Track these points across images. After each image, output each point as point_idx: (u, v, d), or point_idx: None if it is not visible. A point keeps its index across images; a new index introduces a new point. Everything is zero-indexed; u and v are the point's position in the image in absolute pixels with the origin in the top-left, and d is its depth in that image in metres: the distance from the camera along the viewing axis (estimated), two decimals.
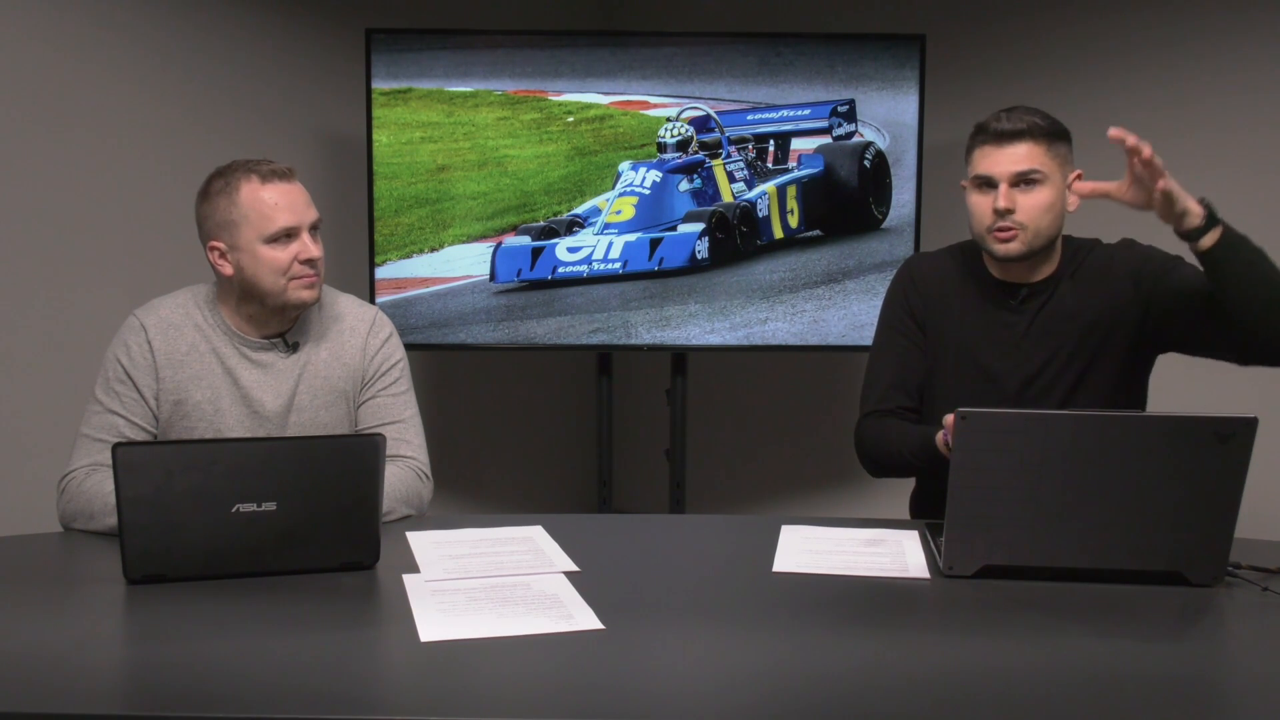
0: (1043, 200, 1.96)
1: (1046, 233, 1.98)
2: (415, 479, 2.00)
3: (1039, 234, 1.97)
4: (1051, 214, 1.97)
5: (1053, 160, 1.96)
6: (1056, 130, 1.98)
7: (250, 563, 1.60)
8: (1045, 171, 1.95)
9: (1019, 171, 1.95)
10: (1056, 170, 1.96)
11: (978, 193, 2.01)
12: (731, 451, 4.00)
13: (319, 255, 1.97)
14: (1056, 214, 1.98)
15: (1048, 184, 1.96)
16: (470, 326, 3.25)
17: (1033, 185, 1.96)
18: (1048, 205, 1.96)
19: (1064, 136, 1.99)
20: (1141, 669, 1.34)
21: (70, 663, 1.33)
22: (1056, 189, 1.97)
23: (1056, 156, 1.97)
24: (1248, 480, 1.57)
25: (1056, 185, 1.97)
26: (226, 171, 1.95)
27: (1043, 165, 1.95)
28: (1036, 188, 1.96)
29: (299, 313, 2.02)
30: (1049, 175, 1.95)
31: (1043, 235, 1.98)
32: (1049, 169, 1.95)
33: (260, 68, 3.22)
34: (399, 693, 1.28)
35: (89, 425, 1.95)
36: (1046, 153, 1.96)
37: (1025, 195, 1.96)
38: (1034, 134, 1.95)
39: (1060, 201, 1.98)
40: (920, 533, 1.88)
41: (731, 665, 1.35)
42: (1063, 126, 2.00)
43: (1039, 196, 1.96)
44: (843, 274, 3.26)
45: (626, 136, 3.24)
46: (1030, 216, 1.96)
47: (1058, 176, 1.97)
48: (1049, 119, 1.98)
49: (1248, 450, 1.56)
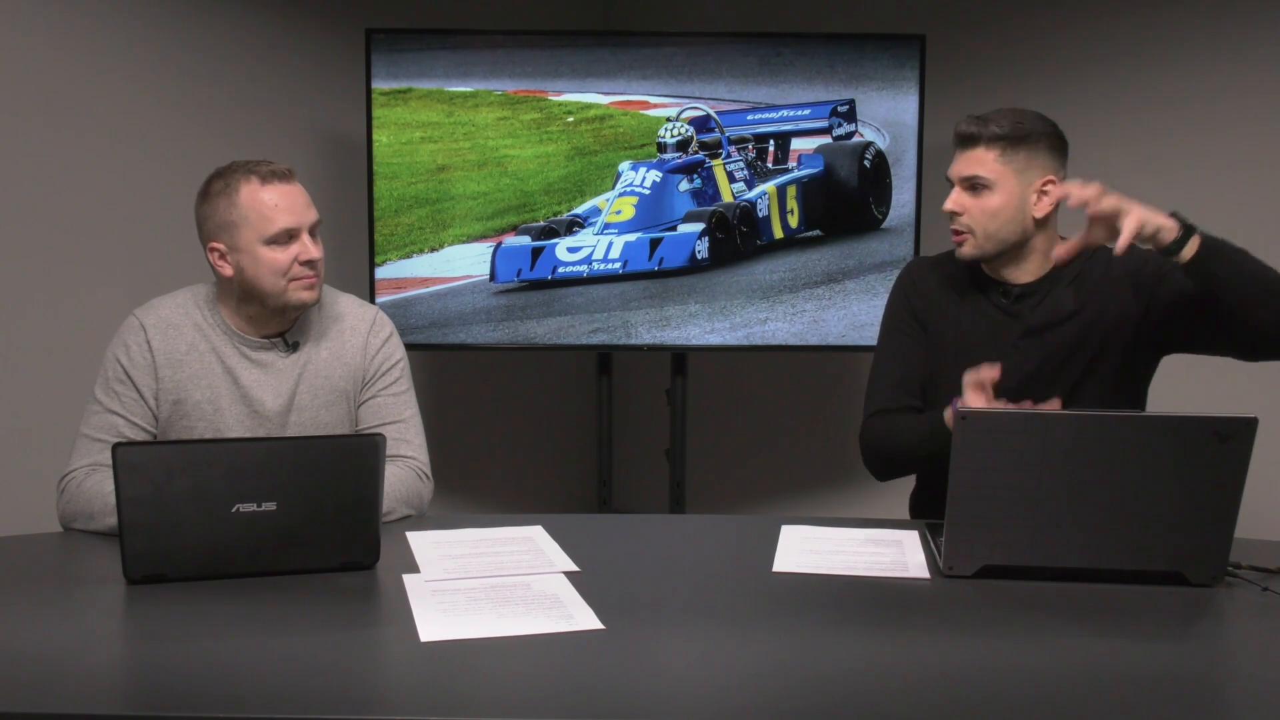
0: (989, 205, 1.99)
1: (999, 236, 2.00)
2: (415, 479, 2.00)
3: (989, 237, 2.00)
4: (999, 219, 1.99)
5: (1004, 166, 1.98)
6: (1017, 135, 1.98)
7: (250, 563, 1.60)
8: (992, 178, 1.98)
9: (965, 176, 2.01)
10: (1010, 176, 1.98)
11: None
12: (731, 451, 4.00)
13: (319, 256, 1.97)
14: (1007, 219, 1.99)
15: (996, 190, 1.98)
16: (470, 326, 3.25)
17: (979, 190, 1.99)
18: (993, 211, 1.99)
19: (1028, 141, 1.98)
20: (1141, 669, 1.34)
21: (70, 663, 1.33)
22: (1007, 194, 1.98)
23: (1011, 162, 1.98)
24: (1248, 480, 1.57)
25: (1008, 191, 1.98)
26: (226, 172, 1.95)
27: (990, 171, 1.98)
28: (984, 193, 1.99)
29: (299, 313, 2.02)
30: (997, 181, 1.98)
31: (994, 239, 2.00)
32: (997, 174, 1.98)
33: (260, 68, 3.22)
34: (399, 693, 1.28)
35: (89, 425, 1.95)
36: (999, 159, 1.98)
37: (974, 199, 2.00)
38: (987, 140, 1.98)
39: (1013, 207, 1.99)
40: (920, 533, 1.89)
41: (731, 665, 1.35)
42: (1036, 130, 1.99)
43: (985, 201, 1.99)
44: (843, 274, 3.26)
45: (626, 136, 3.24)
46: (977, 220, 2.00)
47: (1011, 182, 1.98)
48: (1019, 125, 1.98)
49: (1248, 450, 1.56)
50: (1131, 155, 3.14)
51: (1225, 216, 3.01)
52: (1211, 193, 3.03)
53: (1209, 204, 3.01)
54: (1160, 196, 3.07)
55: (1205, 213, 2.97)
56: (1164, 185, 3.09)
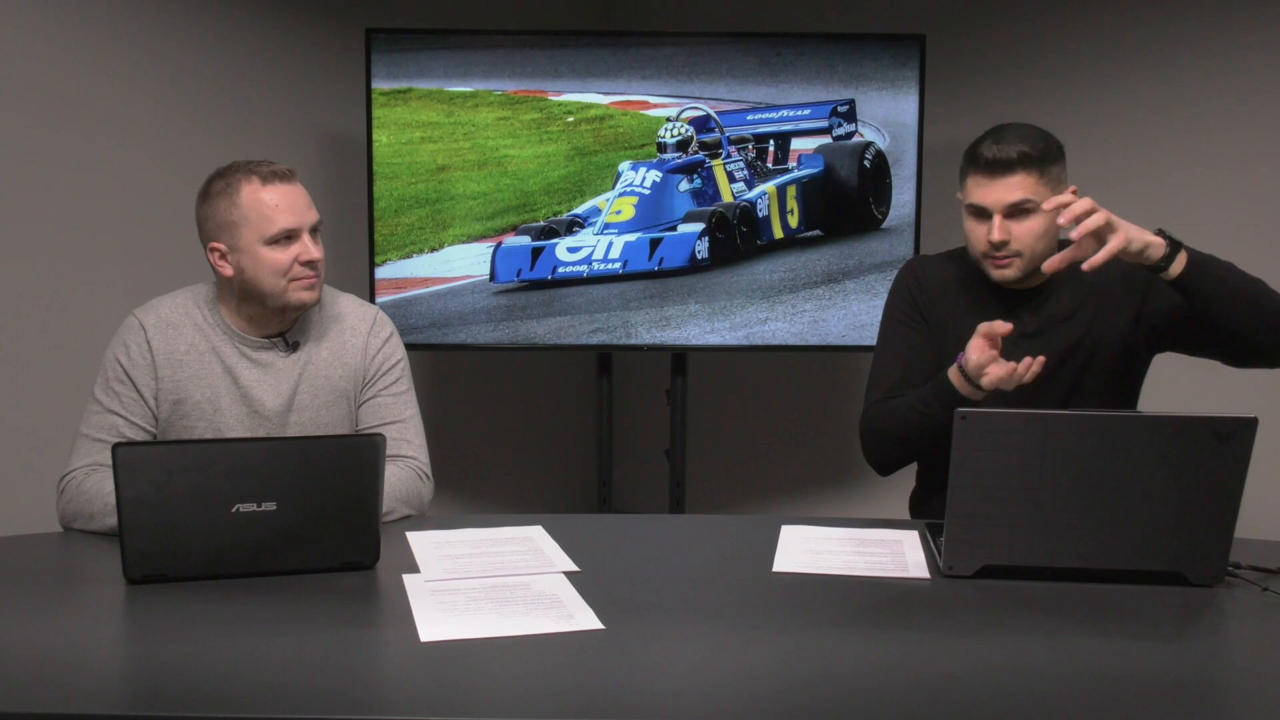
0: (1037, 227, 1.98)
1: (1043, 254, 1.99)
2: (416, 479, 2.00)
3: (1034, 258, 1.99)
4: (1046, 238, 2.00)
5: (1045, 187, 1.97)
6: (1048, 154, 1.98)
7: (250, 563, 1.60)
8: (1038, 200, 1.96)
9: (1013, 202, 1.97)
10: (1050, 194, 1.96)
11: (973, 219, 2.03)
12: (731, 451, 4.00)
13: (319, 257, 1.97)
14: (1051, 236, 2.00)
15: (1040, 212, 1.97)
16: (470, 326, 3.25)
17: (1026, 214, 1.97)
18: (1042, 231, 1.98)
19: (1056, 158, 1.99)
20: (1141, 669, 1.34)
21: (70, 663, 1.33)
22: (1050, 215, 1.96)
23: (1049, 182, 1.98)
24: (1248, 480, 1.57)
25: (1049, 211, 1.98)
26: (227, 172, 1.95)
27: (1035, 194, 1.96)
28: (1030, 216, 1.98)
29: (299, 314, 2.02)
30: (1042, 202, 1.96)
31: (1039, 258, 1.99)
32: (1042, 196, 1.96)
33: (260, 68, 3.22)
34: (399, 693, 1.28)
35: (88, 425, 1.95)
36: (1039, 180, 1.97)
37: (1019, 224, 1.98)
38: (1025, 163, 1.95)
39: (1053, 223, 1.97)
40: (920, 533, 1.89)
41: (731, 665, 1.35)
42: (1054, 146, 2.00)
43: (1033, 224, 1.98)
44: (843, 274, 3.26)
45: (626, 136, 3.24)
46: (1025, 244, 1.99)
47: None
48: (1040, 142, 1.98)
49: (1248, 450, 1.56)
50: (1130, 156, 3.14)
51: (1224, 217, 3.02)
52: (1210, 194, 3.03)
53: (1207, 205, 3.02)
54: (1159, 197, 3.08)
55: (1204, 214, 2.99)
56: (1162, 186, 3.09)
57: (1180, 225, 1.88)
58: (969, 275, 2.13)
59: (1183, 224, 3.04)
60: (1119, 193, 3.09)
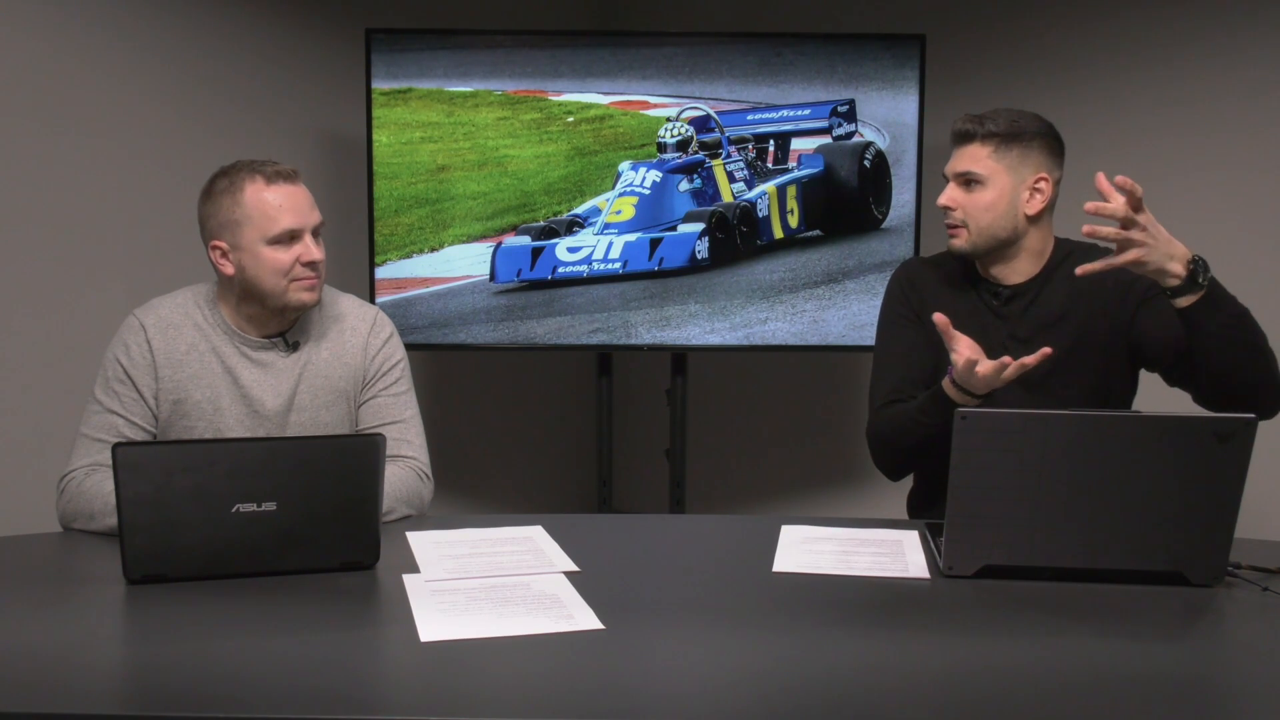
0: (981, 200, 2.03)
1: (991, 231, 2.03)
2: (416, 479, 2.00)
3: (981, 232, 2.04)
4: (992, 214, 2.02)
5: (997, 163, 2.02)
6: (1012, 133, 2.01)
7: (250, 563, 1.60)
8: (984, 173, 2.02)
9: (959, 172, 2.05)
10: (1003, 173, 2.02)
11: None
12: (731, 451, 4.00)
13: (320, 258, 1.97)
14: (999, 214, 2.02)
15: (988, 185, 2.02)
16: (470, 326, 3.25)
17: (972, 185, 2.03)
18: (986, 205, 2.02)
19: (1022, 140, 2.02)
20: (1141, 669, 1.34)
21: (70, 663, 1.33)
22: (999, 190, 2.02)
23: (1004, 159, 2.02)
24: (1248, 480, 1.57)
25: (1000, 187, 2.02)
26: (231, 171, 1.95)
27: (983, 167, 2.02)
28: (976, 188, 2.03)
29: (299, 314, 2.02)
30: (989, 176, 2.02)
31: (986, 234, 2.04)
32: (990, 170, 2.02)
33: (260, 68, 3.22)
34: (399, 693, 1.28)
35: (88, 425, 1.95)
36: (991, 155, 2.02)
37: (967, 195, 2.04)
38: (982, 137, 2.02)
39: (1005, 203, 2.02)
40: (920, 533, 1.89)
41: (731, 665, 1.35)
42: (1030, 129, 2.02)
43: (978, 197, 2.03)
44: (843, 274, 3.26)
45: (626, 136, 3.24)
46: (970, 215, 2.04)
47: (1004, 179, 2.02)
48: (1017, 122, 2.02)
49: (1248, 450, 1.56)
50: (1131, 155, 3.14)
51: (1224, 217, 3.02)
52: (1210, 194, 3.03)
53: (1207, 205, 3.02)
54: (1159, 197, 3.07)
55: (1204, 214, 2.99)
56: (1162, 186, 3.09)
57: (1180, 225, 1.87)
58: (962, 274, 2.13)
59: (1182, 224, 3.04)
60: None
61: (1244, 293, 1.91)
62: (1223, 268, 1.86)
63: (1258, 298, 1.98)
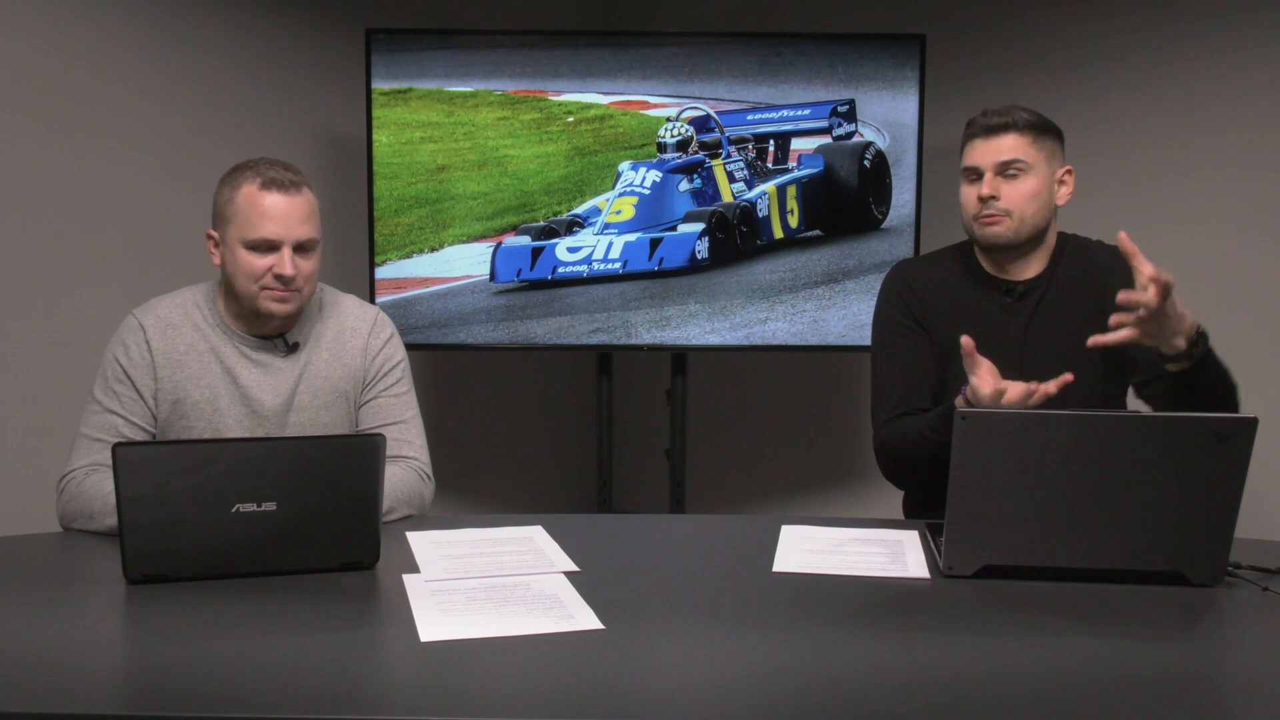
0: (1027, 189, 2.02)
1: (1033, 221, 2.03)
2: (417, 479, 2.00)
3: (1025, 221, 2.03)
4: (1036, 203, 2.03)
5: (1038, 152, 2.03)
6: (1043, 125, 2.04)
7: (250, 563, 1.60)
8: (1029, 162, 2.02)
9: (1003, 161, 2.02)
10: (1042, 162, 2.03)
11: (967, 183, 2.07)
12: (731, 451, 4.00)
13: (293, 274, 1.92)
14: (1042, 204, 2.03)
15: (1032, 174, 2.02)
16: (470, 326, 3.25)
17: (1017, 175, 2.02)
18: (1032, 194, 2.02)
19: (1051, 132, 2.05)
20: (1141, 669, 1.34)
21: (70, 663, 1.33)
22: (1041, 179, 2.03)
23: (1042, 149, 2.03)
24: (1248, 480, 1.57)
25: (1041, 176, 2.03)
26: (243, 166, 1.97)
27: (1027, 155, 2.02)
28: (1021, 177, 2.02)
29: (277, 320, 2.00)
30: (1033, 165, 2.02)
31: (1029, 223, 2.03)
32: (1033, 159, 2.02)
33: (260, 68, 3.22)
34: (399, 693, 1.27)
35: (88, 425, 1.95)
36: (1032, 145, 2.02)
37: (1009, 184, 2.03)
38: (1019, 126, 2.02)
39: (1046, 192, 2.04)
40: (920, 533, 1.88)
41: (731, 665, 1.35)
42: (1051, 124, 2.05)
43: (1023, 185, 2.02)
44: (843, 274, 3.26)
45: (626, 136, 3.24)
46: (1015, 204, 2.02)
47: (1043, 168, 2.03)
48: (1037, 116, 2.04)
49: (1248, 450, 1.56)
50: (1131, 155, 3.14)
51: (1224, 217, 3.02)
52: (1210, 194, 3.03)
53: (1207, 205, 3.02)
54: (1159, 197, 3.08)
55: (1203, 214, 2.99)
56: (1162, 186, 3.09)
57: (1180, 225, 1.88)
58: (966, 271, 2.13)
59: (1182, 224, 3.05)
60: (1118, 193, 3.09)
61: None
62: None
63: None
